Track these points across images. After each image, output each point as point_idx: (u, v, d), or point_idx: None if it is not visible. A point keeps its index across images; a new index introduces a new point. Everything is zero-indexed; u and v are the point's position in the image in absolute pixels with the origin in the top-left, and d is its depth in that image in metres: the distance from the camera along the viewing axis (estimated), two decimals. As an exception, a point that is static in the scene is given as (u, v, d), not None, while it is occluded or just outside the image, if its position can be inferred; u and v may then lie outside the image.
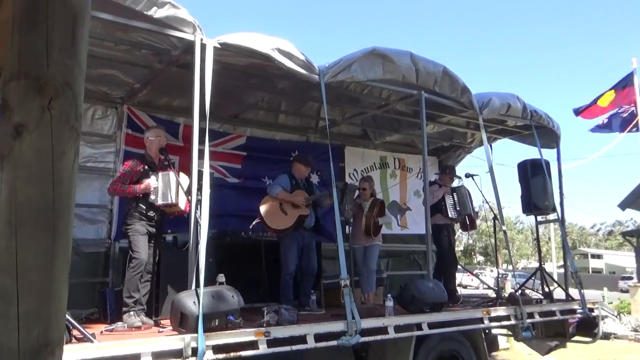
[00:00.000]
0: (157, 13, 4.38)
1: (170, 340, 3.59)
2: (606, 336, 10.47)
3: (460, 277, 12.12)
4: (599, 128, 13.50)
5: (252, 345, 3.89)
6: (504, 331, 6.78)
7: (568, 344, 7.07)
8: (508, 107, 6.93)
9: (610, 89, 13.71)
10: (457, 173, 7.50)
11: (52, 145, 0.79)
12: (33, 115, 0.79)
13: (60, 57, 0.82)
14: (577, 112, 13.34)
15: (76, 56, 0.85)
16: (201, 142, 4.36)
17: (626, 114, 13.81)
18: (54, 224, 0.80)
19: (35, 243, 0.78)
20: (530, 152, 10.60)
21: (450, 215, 6.84)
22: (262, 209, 5.67)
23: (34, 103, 0.80)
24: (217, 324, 3.82)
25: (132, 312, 4.40)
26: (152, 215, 4.69)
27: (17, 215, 0.77)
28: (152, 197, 4.65)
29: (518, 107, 7.04)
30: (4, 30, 1.00)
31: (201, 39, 4.55)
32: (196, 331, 3.56)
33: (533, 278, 7.51)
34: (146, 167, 4.76)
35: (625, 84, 13.61)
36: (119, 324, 4.32)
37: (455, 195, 6.96)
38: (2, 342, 0.74)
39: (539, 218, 7.81)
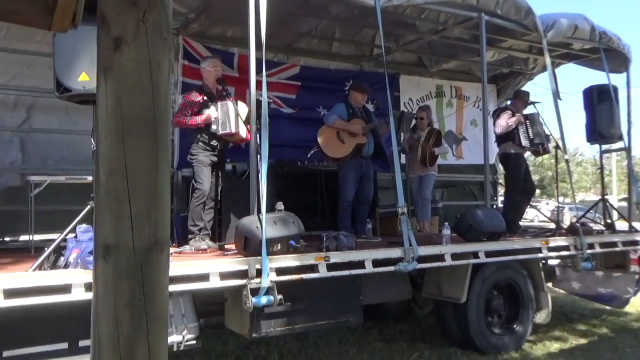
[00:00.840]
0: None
1: (236, 261, 3.78)
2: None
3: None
4: None
5: (313, 268, 4.04)
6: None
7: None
8: (575, 29, 6.52)
9: None
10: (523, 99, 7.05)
11: (149, 57, 0.83)
12: (130, 28, 0.82)
13: (150, -31, 0.83)
14: None
15: (165, -32, 0.86)
16: (257, 72, 4.37)
17: None
18: (156, 132, 0.85)
19: (141, 150, 0.84)
20: (593, 78, 10.01)
21: (523, 144, 6.42)
22: (320, 138, 5.71)
23: (129, 15, 0.83)
24: (279, 248, 3.98)
25: (197, 237, 4.63)
26: (215, 144, 4.82)
27: (123, 124, 0.82)
28: (214, 127, 4.76)
29: (586, 29, 6.61)
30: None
31: (256, -36, 4.44)
32: (260, 254, 3.72)
33: (594, 210, 7.32)
34: (205, 97, 4.84)
35: None
36: (186, 247, 4.56)
37: (528, 123, 6.60)
38: (120, 240, 0.82)
39: (604, 147, 7.50)
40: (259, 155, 4.18)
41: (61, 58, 3.46)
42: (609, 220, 6.84)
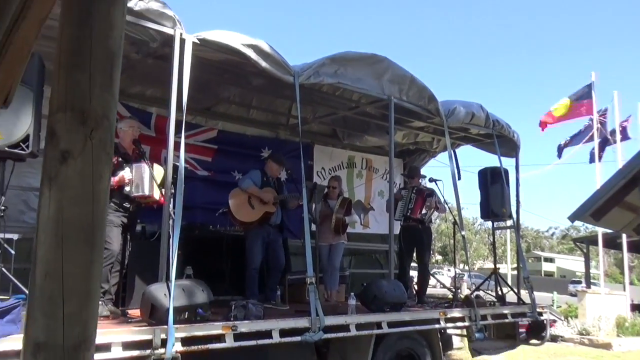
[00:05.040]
0: (137, 5, 4.42)
1: (141, 331, 3.68)
2: (554, 339, 11.00)
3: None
4: (567, 144, 14.55)
5: (219, 338, 4.02)
6: (459, 331, 7.07)
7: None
8: (472, 116, 7.22)
9: (566, 98, 14.48)
10: (421, 175, 7.60)
11: (92, 169, 0.92)
12: (77, 144, 0.92)
13: (100, 93, 0.94)
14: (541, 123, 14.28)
15: (113, 91, 0.97)
16: (175, 133, 4.45)
17: (583, 128, 14.59)
18: (93, 238, 0.93)
19: (78, 254, 0.91)
20: (491, 159, 10.99)
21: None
22: (231, 200, 5.78)
23: (78, 133, 0.92)
24: (186, 316, 3.93)
25: (100, 302, 4.44)
26: (127, 206, 4.74)
27: (63, 230, 0.89)
28: (127, 188, 4.70)
29: (482, 117, 7.33)
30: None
31: (181, 34, 4.62)
32: (166, 323, 3.66)
33: (488, 280, 7.86)
34: (120, 159, 4.79)
35: (582, 96, 14.30)
36: (87, 312, 4.35)
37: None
38: (50, 339, 0.87)
39: (496, 224, 8.15)
40: (171, 220, 4.18)
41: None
42: (500, 293, 7.36)
